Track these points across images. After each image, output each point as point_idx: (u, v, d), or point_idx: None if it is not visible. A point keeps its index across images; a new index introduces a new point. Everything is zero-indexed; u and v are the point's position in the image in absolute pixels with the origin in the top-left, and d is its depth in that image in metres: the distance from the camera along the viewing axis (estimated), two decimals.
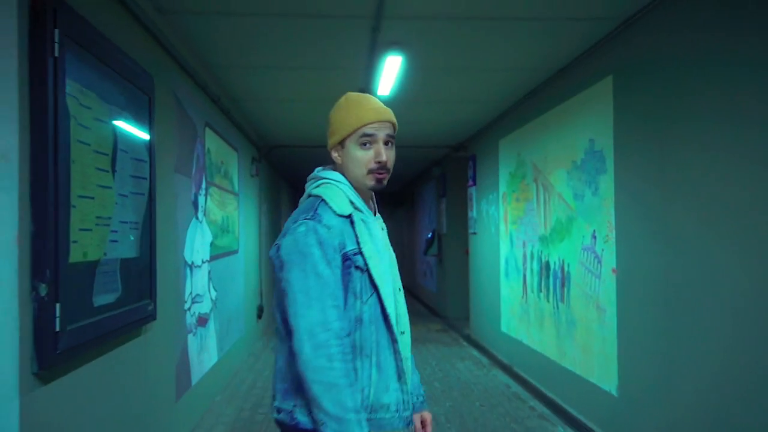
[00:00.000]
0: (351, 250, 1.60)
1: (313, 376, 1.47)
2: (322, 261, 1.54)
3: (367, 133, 1.66)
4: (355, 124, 1.65)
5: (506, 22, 3.74)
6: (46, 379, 2.11)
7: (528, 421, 4.40)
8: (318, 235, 1.55)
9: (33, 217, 2.02)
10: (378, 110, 1.68)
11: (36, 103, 2.01)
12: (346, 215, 1.62)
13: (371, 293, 1.61)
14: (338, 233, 1.58)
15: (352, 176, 1.69)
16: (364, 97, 1.72)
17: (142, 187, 3.03)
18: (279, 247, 1.59)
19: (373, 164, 1.66)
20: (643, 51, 3.51)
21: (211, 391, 4.87)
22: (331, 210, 1.61)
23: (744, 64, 2.64)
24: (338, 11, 3.54)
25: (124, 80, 2.78)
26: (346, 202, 1.64)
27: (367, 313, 1.60)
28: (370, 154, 1.66)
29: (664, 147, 3.29)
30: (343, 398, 1.46)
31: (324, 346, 1.48)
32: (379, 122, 1.67)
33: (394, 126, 1.72)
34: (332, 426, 1.45)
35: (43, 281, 2.03)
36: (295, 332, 1.51)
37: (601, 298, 4.10)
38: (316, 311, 1.50)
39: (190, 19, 3.63)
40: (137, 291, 2.95)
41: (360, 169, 1.66)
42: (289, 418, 1.58)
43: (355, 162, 1.67)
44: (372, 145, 1.67)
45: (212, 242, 4.93)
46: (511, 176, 6.20)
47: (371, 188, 1.69)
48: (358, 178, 1.67)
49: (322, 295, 1.52)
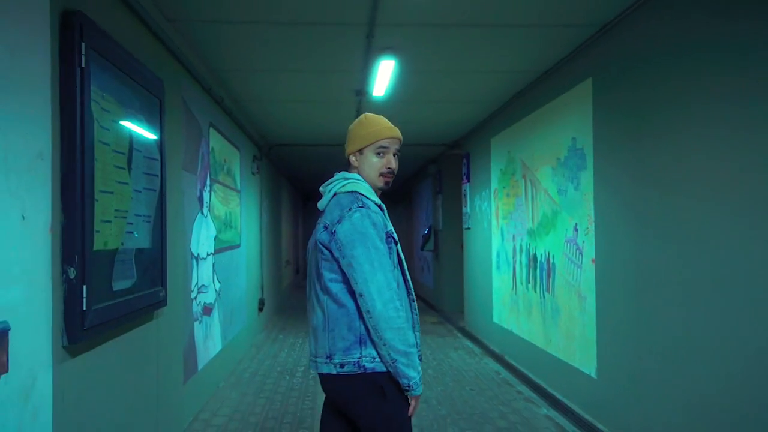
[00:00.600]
0: (389, 230, 2.11)
1: (385, 325, 1.94)
2: (377, 238, 2.02)
3: (383, 145, 2.19)
4: (374, 138, 2.19)
5: (492, 29, 4.00)
6: (74, 353, 2.38)
7: (514, 404, 4.67)
8: (371, 219, 2.04)
9: (63, 209, 2.28)
10: (391, 129, 2.22)
11: (66, 109, 2.27)
12: (379, 204, 2.16)
13: (397, 265, 2.10)
14: (381, 217, 2.10)
15: (366, 177, 2.21)
16: (379, 117, 2.26)
17: (154, 183, 3.30)
18: (335, 232, 2.05)
19: (384, 169, 2.20)
20: (619, 55, 3.78)
21: (216, 377, 5.14)
22: (371, 201, 2.12)
23: (708, 68, 2.91)
24: (334, 19, 3.80)
25: (138, 85, 3.04)
26: (375, 196, 2.18)
27: (398, 279, 2.09)
28: (383, 161, 2.20)
29: (638, 144, 3.55)
30: (408, 337, 1.97)
31: (390, 300, 1.96)
32: (391, 138, 2.21)
33: (401, 141, 2.25)
34: (402, 360, 1.96)
35: (72, 265, 2.29)
36: (366, 295, 1.97)
37: (582, 286, 4.37)
38: (381, 276, 1.97)
39: (197, 27, 3.89)
40: (150, 278, 3.21)
41: (374, 172, 2.20)
42: (356, 367, 2.01)
43: (371, 166, 2.20)
44: (385, 155, 2.20)
45: (216, 236, 5.20)
46: (502, 173, 6.47)
47: (380, 188, 2.23)
48: (372, 179, 2.21)
49: (381, 263, 1.99)
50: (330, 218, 2.09)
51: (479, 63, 4.77)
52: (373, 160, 2.19)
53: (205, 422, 4.23)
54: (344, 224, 2.03)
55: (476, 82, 5.40)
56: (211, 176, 5.04)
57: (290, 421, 4.26)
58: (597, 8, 3.61)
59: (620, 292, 3.79)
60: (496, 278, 6.78)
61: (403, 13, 3.68)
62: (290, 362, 6.24)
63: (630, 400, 3.65)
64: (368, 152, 2.19)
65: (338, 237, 2.03)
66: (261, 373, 5.71)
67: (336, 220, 2.06)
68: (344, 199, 2.11)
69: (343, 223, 2.03)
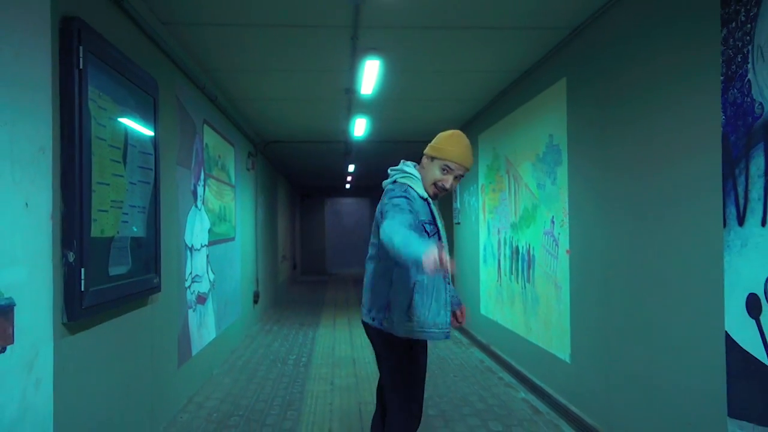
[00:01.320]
0: (423, 220, 2.59)
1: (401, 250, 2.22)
2: (406, 207, 2.50)
3: (450, 167, 2.63)
4: (447, 157, 2.63)
5: (471, 31, 4.21)
6: (74, 330, 2.60)
7: (495, 389, 4.89)
8: (405, 199, 2.54)
9: (63, 199, 2.50)
10: (464, 156, 2.65)
11: (65, 107, 2.49)
12: (424, 198, 2.63)
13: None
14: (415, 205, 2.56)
15: (423, 179, 2.68)
16: (464, 141, 2.69)
17: (148, 176, 3.51)
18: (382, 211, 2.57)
19: (440, 184, 2.65)
20: (590, 56, 3.98)
21: (210, 364, 5.36)
22: (415, 192, 2.62)
23: (665, 69, 3.12)
24: (321, 21, 4.01)
25: (133, 85, 3.25)
26: (422, 190, 2.65)
27: None
28: (442, 177, 2.64)
29: (605, 140, 3.76)
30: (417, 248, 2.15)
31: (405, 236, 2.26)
32: (459, 164, 2.64)
33: (467, 170, 2.69)
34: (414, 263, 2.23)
35: (71, 250, 2.51)
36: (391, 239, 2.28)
37: (558, 276, 4.59)
38: (398, 222, 2.37)
39: (191, 29, 4.10)
40: (144, 265, 3.43)
41: (430, 180, 2.66)
42: (378, 323, 2.64)
43: (431, 175, 2.66)
44: (447, 174, 2.64)
45: (210, 229, 5.41)
46: (488, 169, 6.68)
47: (427, 196, 2.66)
48: (426, 184, 2.68)
49: (402, 218, 2.41)
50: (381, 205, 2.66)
51: (461, 63, 4.98)
52: (436, 172, 2.65)
53: (198, 404, 4.45)
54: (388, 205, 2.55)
55: (461, 81, 5.60)
56: (205, 171, 5.25)
57: (279, 404, 4.48)
58: (567, 12, 3.81)
59: (591, 281, 4.00)
60: (483, 271, 6.99)
61: (385, 15, 3.89)
62: (283, 351, 6.46)
63: (600, 383, 3.87)
64: (436, 163, 2.65)
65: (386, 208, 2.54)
66: (254, 361, 5.93)
67: (383, 205, 2.63)
68: (399, 187, 2.63)
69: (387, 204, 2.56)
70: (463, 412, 4.26)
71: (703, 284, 2.75)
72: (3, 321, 2.06)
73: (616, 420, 3.61)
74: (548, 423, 4.02)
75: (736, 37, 2.50)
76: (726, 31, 2.56)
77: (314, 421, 4.08)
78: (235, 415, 4.21)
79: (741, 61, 2.48)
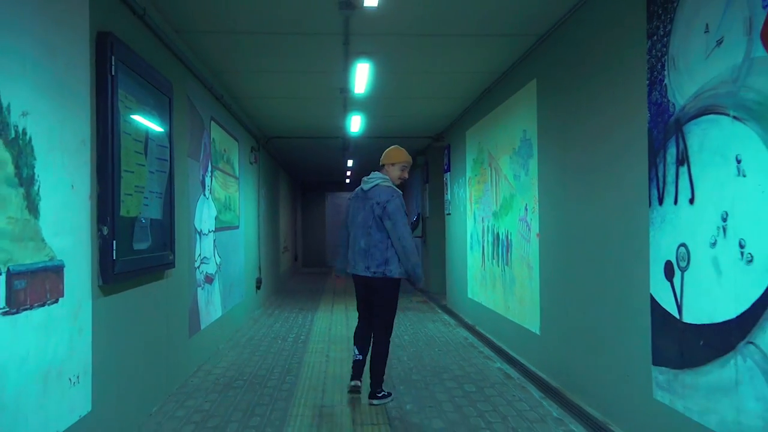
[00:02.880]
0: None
1: (410, 252, 4.11)
2: (403, 208, 4.16)
3: (405, 165, 4.38)
4: (400, 160, 4.36)
5: (452, 38, 4.71)
6: (106, 292, 3.12)
7: (474, 360, 5.41)
8: (402, 200, 4.20)
9: (98, 183, 3.01)
10: (407, 156, 4.40)
11: (100, 106, 3.00)
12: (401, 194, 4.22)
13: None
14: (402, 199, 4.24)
15: (391, 179, 4.31)
16: (402, 149, 4.44)
17: (164, 166, 4.03)
18: (386, 207, 4.11)
19: (402, 177, 4.38)
20: (554, 60, 4.49)
21: (216, 339, 5.89)
22: (399, 191, 4.24)
23: (608, 73, 3.62)
24: (316, 29, 4.51)
25: (152, 86, 3.77)
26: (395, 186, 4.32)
27: None
28: (402, 173, 4.36)
29: (566, 136, 4.27)
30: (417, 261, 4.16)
31: (411, 241, 4.14)
32: (407, 161, 4.40)
33: (410, 163, 4.44)
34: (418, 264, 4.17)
35: (105, 225, 3.03)
36: (402, 238, 4.08)
37: (530, 257, 5.10)
38: (406, 229, 4.13)
39: (201, 36, 4.61)
40: (161, 243, 3.95)
41: (396, 178, 4.33)
42: (381, 273, 4.11)
43: (395, 175, 4.34)
44: (404, 170, 4.38)
45: (216, 216, 5.93)
46: (474, 162, 7.18)
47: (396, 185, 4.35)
48: (394, 180, 4.32)
49: (405, 220, 4.14)
50: (380, 198, 4.14)
51: (446, 65, 5.48)
52: (398, 171, 4.34)
53: (206, 371, 4.97)
54: (393, 203, 4.12)
55: (447, 81, 6.11)
56: (212, 163, 5.77)
57: (279, 371, 5.00)
58: (533, 21, 4.31)
59: (554, 260, 4.51)
60: (470, 257, 7.50)
61: (371, 24, 4.39)
62: (283, 331, 6.99)
63: (562, 350, 4.38)
64: (396, 166, 4.34)
65: (388, 209, 4.11)
66: (256, 339, 6.45)
67: (386, 200, 4.13)
68: (386, 189, 4.20)
69: (391, 202, 4.12)
70: (442, 377, 4.78)
71: (634, 256, 3.26)
72: (56, 277, 2.58)
73: (574, 380, 4.13)
74: (517, 386, 4.53)
75: (656, 48, 3.00)
76: (650, 43, 3.06)
77: (310, 385, 4.60)
78: (239, 380, 4.73)
79: (660, 68, 2.98)
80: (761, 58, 2.28)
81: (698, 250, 2.69)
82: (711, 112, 2.59)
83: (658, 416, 3.03)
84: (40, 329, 2.45)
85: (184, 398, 4.21)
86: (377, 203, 4.11)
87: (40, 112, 2.44)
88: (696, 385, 2.71)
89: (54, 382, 2.56)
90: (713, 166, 2.58)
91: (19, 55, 2.30)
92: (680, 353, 2.83)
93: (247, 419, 3.76)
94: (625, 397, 3.38)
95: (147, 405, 3.81)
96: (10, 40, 2.26)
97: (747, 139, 2.36)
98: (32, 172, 2.38)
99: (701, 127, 2.66)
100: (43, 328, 2.47)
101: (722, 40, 2.51)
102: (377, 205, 4.11)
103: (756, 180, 2.31)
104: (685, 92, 2.78)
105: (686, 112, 2.78)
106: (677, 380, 2.85)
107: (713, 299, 2.59)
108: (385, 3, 3.92)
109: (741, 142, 2.40)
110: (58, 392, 2.60)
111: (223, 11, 4.12)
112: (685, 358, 2.80)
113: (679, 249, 2.84)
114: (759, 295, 2.29)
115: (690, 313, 2.77)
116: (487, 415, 3.83)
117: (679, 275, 2.86)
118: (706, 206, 2.62)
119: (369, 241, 4.13)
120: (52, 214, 2.54)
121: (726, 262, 2.49)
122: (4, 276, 2.18)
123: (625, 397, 3.38)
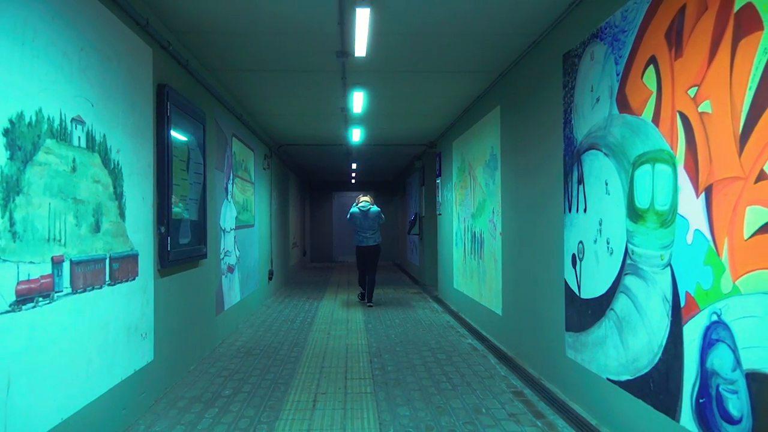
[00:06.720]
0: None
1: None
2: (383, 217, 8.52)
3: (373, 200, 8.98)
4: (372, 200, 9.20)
5: (430, 74, 5.79)
6: (163, 275, 4.24)
7: (450, 337, 6.50)
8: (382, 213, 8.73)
9: (157, 193, 4.13)
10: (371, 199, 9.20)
11: (159, 139, 4.11)
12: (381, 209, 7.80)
13: None
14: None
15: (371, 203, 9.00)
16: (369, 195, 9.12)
17: (199, 178, 5.14)
18: (380, 216, 9.10)
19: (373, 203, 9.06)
20: (511, 92, 5.56)
21: (236, 319, 7.01)
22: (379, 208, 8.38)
23: (543, 109, 4.69)
24: (320, 68, 5.60)
25: (191, 117, 4.88)
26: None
27: None
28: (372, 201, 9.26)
29: (519, 154, 5.34)
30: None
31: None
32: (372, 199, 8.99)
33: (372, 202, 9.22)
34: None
35: (163, 225, 4.14)
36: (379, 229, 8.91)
37: (496, 252, 6.17)
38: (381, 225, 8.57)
39: (228, 73, 5.72)
40: (198, 239, 5.07)
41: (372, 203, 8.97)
42: (377, 244, 9.10)
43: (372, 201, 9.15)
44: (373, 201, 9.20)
45: (236, 216, 7.05)
46: (458, 170, 8.26)
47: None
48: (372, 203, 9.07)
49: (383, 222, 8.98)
50: (376, 213, 8.96)
51: (429, 91, 6.57)
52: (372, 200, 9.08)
53: (229, 344, 6.10)
54: (381, 216, 9.04)
55: (432, 103, 7.19)
56: (233, 172, 6.88)
57: (288, 344, 6.12)
58: (494, 60, 5.38)
59: (512, 253, 5.59)
60: (455, 253, 8.59)
61: (364, 65, 5.48)
62: (292, 315, 8.10)
63: (515, 326, 5.46)
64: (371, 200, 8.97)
65: (381, 216, 9.05)
66: (269, 321, 7.57)
67: (378, 213, 9.00)
68: (376, 212, 9.02)
69: (380, 216, 9.03)
70: (421, 349, 5.88)
71: (555, 250, 4.34)
72: (134, 262, 3.70)
73: (523, 349, 5.21)
74: (480, 355, 5.61)
75: (568, 96, 4.08)
76: (564, 92, 4.14)
77: (313, 354, 5.70)
78: (256, 349, 5.85)
79: (570, 111, 4.05)
80: (616, 115, 3.35)
81: (588, 246, 3.76)
82: (593, 148, 3.67)
83: (568, 369, 4.11)
84: (126, 297, 3.57)
85: (214, 360, 5.34)
86: (375, 215, 8.93)
87: (126, 148, 3.56)
88: (586, 343, 3.79)
89: (133, 335, 3.68)
90: (595, 186, 3.65)
91: (119, 110, 3.42)
92: (579, 321, 3.91)
93: (264, 374, 4.88)
94: (550, 357, 4.47)
95: (187, 363, 4.94)
96: (115, 103, 3.37)
97: (610, 169, 3.43)
98: (122, 189, 3.50)
99: (589, 158, 3.74)
100: (127, 296, 3.59)
101: (599, 99, 3.58)
102: (375, 216, 8.90)
103: (615, 198, 3.38)
104: (581, 132, 3.86)
105: (582, 146, 3.85)
106: (578, 341, 3.93)
107: (595, 280, 3.67)
108: (372, 52, 5.01)
109: (608, 171, 3.47)
110: (135, 342, 3.72)
111: (244, 54, 5.22)
112: (582, 324, 3.88)
113: (578, 245, 3.92)
114: (615, 276, 3.38)
115: (584, 290, 3.85)
116: (449, 373, 4.93)
117: (579, 264, 3.94)
118: (591, 215, 3.70)
119: (372, 232, 8.96)
120: (131, 218, 3.65)
121: (601, 254, 3.57)
122: (108, 260, 3.30)
123: (550, 357, 4.47)
